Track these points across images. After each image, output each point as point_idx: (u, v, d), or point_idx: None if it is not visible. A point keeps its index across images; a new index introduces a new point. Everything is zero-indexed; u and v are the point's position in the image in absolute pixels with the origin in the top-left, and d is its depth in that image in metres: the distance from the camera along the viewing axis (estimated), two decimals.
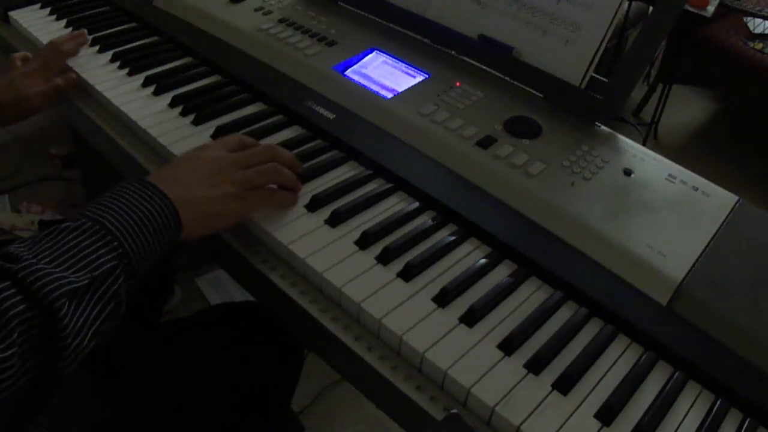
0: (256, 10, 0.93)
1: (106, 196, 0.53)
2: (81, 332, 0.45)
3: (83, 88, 0.84)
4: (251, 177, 0.62)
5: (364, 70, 0.83)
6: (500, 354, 0.53)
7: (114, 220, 0.50)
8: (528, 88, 0.80)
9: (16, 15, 0.97)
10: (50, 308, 0.43)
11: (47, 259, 0.46)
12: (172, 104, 0.79)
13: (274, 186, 0.64)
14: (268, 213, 0.64)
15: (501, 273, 0.61)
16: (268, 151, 0.65)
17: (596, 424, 0.49)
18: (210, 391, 0.72)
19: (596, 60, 0.74)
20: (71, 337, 0.44)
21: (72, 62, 0.86)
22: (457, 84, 0.79)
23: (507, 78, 0.81)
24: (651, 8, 0.72)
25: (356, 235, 0.62)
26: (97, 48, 0.89)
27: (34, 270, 0.44)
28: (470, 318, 0.55)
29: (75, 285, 0.45)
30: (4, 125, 0.84)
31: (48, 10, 0.99)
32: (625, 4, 1.79)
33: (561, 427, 0.49)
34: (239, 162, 0.62)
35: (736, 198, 0.67)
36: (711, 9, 1.84)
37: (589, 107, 0.75)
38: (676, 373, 0.54)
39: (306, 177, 0.68)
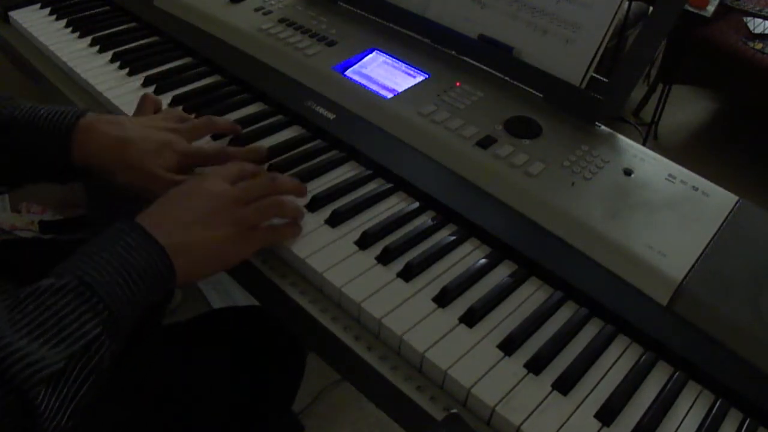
0: (256, 10, 0.93)
1: (94, 243, 0.49)
2: (58, 414, 0.42)
3: (83, 88, 0.84)
4: (252, 215, 0.58)
5: (364, 70, 0.83)
6: (500, 354, 0.53)
7: (100, 276, 0.46)
8: (528, 88, 0.80)
9: (16, 15, 0.97)
10: (25, 398, 0.40)
11: (25, 330, 0.42)
12: (172, 104, 0.79)
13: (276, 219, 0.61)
14: None
15: (501, 273, 0.61)
16: (269, 184, 0.61)
17: (596, 424, 0.49)
18: (211, 393, 0.72)
19: (596, 60, 0.74)
20: (47, 422, 0.41)
21: (72, 62, 0.86)
22: (457, 84, 0.79)
23: (507, 78, 0.81)
24: (651, 8, 0.72)
25: (356, 235, 0.62)
26: (97, 48, 0.89)
27: (9, 353, 0.40)
28: (470, 318, 0.55)
29: (52, 368, 0.41)
30: (118, 185, 0.64)
31: (48, 10, 0.99)
32: (625, 4, 1.79)
33: (561, 427, 0.49)
34: (239, 199, 0.58)
35: (736, 198, 0.67)
36: (711, 9, 1.85)
37: (589, 107, 0.75)
38: (676, 374, 0.54)
39: (306, 178, 0.69)
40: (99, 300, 0.45)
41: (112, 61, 0.87)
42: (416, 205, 0.66)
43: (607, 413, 0.50)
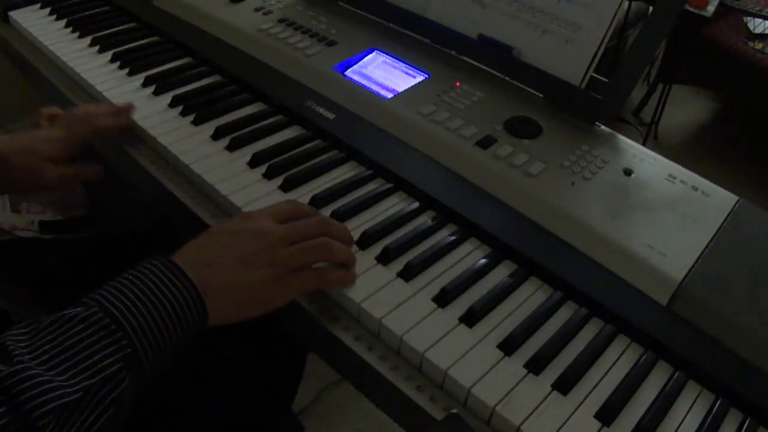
0: (256, 10, 0.93)
1: (125, 276, 0.47)
2: None
3: (83, 88, 0.84)
4: (296, 256, 0.53)
5: (364, 70, 0.83)
6: (500, 354, 0.53)
7: (127, 310, 0.44)
8: (528, 88, 0.80)
9: (16, 15, 0.97)
10: (33, 426, 0.39)
11: (44, 357, 0.41)
12: (172, 104, 0.79)
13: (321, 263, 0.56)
14: None
15: (501, 273, 0.61)
16: (319, 225, 0.56)
17: (596, 424, 0.49)
18: (211, 392, 0.72)
19: (596, 60, 0.74)
20: None
21: (72, 62, 0.86)
22: (457, 84, 0.79)
23: (507, 78, 0.81)
24: (651, 8, 0.72)
25: (356, 235, 0.62)
26: (97, 48, 0.89)
27: (22, 379, 0.39)
28: (470, 318, 0.55)
29: (66, 399, 0.40)
30: (10, 191, 0.72)
31: (48, 10, 0.99)
32: (625, 4, 1.79)
33: (561, 427, 0.49)
34: (285, 238, 0.54)
35: (736, 198, 0.67)
36: (711, 9, 1.84)
37: (589, 107, 0.75)
38: (676, 373, 0.54)
39: (306, 178, 0.69)
40: (123, 335, 0.44)
41: (112, 61, 0.87)
42: (416, 205, 0.66)
43: (607, 413, 0.50)
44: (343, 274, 0.56)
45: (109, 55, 0.88)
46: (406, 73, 0.82)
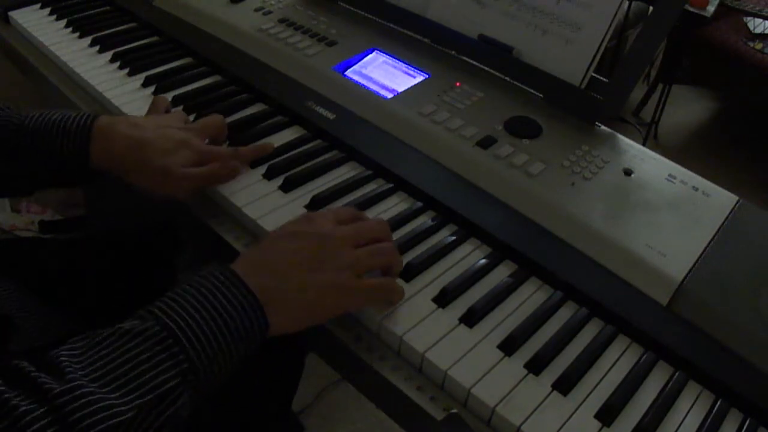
0: (256, 10, 0.93)
1: (183, 287, 0.46)
2: None
3: (83, 88, 0.84)
4: (363, 259, 0.51)
5: (364, 70, 0.83)
6: (500, 354, 0.53)
7: (184, 323, 0.43)
8: (528, 88, 0.80)
9: (16, 15, 0.97)
10: None
11: (97, 374, 0.40)
12: (173, 104, 0.79)
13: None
14: (267, 215, 0.64)
15: (501, 273, 0.61)
16: (383, 227, 0.55)
17: (596, 424, 0.49)
18: (211, 392, 0.72)
19: (596, 60, 0.74)
20: None
21: (72, 62, 0.86)
22: (457, 84, 0.79)
23: (507, 78, 0.81)
24: (651, 8, 0.72)
25: None
26: (97, 48, 0.89)
27: (75, 397, 0.38)
28: (470, 318, 0.55)
29: (119, 419, 0.38)
30: (143, 188, 0.64)
31: (48, 10, 0.98)
32: (625, 4, 1.79)
33: (561, 427, 0.49)
34: (350, 239, 0.52)
35: (736, 198, 0.67)
36: (711, 9, 1.84)
37: (589, 107, 0.75)
38: (677, 374, 0.54)
39: (306, 179, 0.69)
40: (180, 349, 0.42)
41: (112, 61, 0.87)
42: (416, 205, 0.66)
43: (607, 413, 0.50)
44: (401, 289, 0.54)
45: (109, 55, 0.88)
46: (406, 73, 0.82)
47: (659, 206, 0.65)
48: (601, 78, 0.75)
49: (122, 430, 0.39)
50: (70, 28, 0.94)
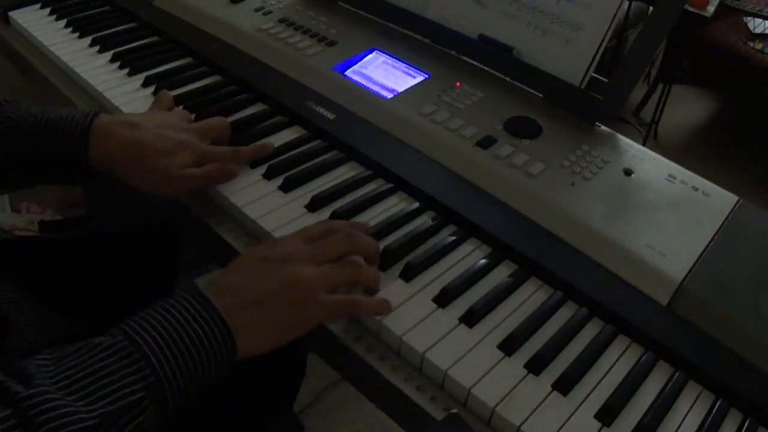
0: (256, 10, 0.93)
1: (153, 307, 0.47)
2: None
3: (83, 87, 0.84)
4: (327, 276, 0.53)
5: (364, 70, 0.83)
6: (500, 354, 0.53)
7: (152, 339, 0.44)
8: (528, 88, 0.80)
9: (16, 15, 0.97)
10: None
11: (65, 383, 0.41)
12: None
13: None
14: (267, 215, 0.64)
15: (501, 273, 0.61)
16: (347, 239, 0.55)
17: (596, 424, 0.49)
18: (211, 392, 0.72)
19: (596, 60, 0.74)
20: None
21: (72, 62, 0.86)
22: (457, 84, 0.79)
23: (507, 78, 0.81)
24: (651, 8, 0.72)
25: None
26: (97, 48, 0.89)
27: (40, 402, 0.39)
28: (470, 318, 0.55)
29: (82, 425, 0.39)
30: (144, 190, 0.64)
31: (48, 10, 0.98)
32: (625, 4, 1.79)
33: (561, 427, 0.49)
34: (313, 258, 0.53)
35: (736, 198, 0.67)
36: (711, 9, 1.85)
37: (589, 107, 0.75)
38: (677, 374, 0.54)
39: (306, 179, 0.69)
40: (147, 364, 0.43)
41: (112, 61, 0.87)
42: (416, 205, 0.66)
43: (607, 413, 0.50)
44: (378, 303, 0.55)
45: (109, 55, 0.88)
46: (406, 73, 0.82)
47: (659, 206, 0.65)
48: (601, 78, 0.75)
49: None
50: (70, 28, 0.94)
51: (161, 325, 0.45)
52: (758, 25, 2.13)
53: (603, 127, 0.75)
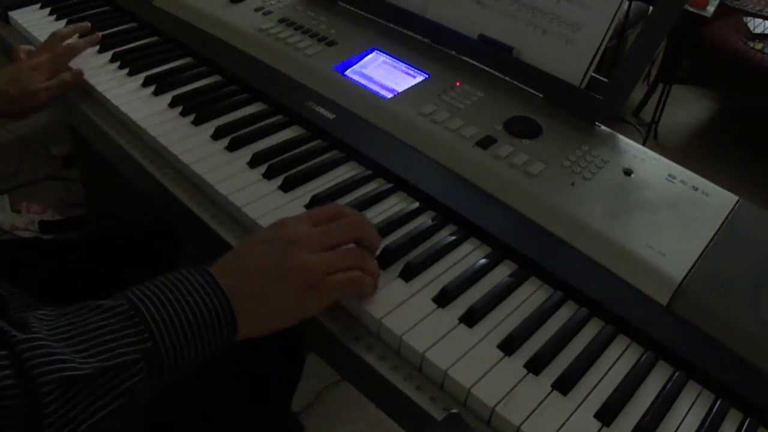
0: (256, 10, 0.93)
1: (158, 278, 0.48)
2: (69, 424, 0.40)
3: (83, 87, 0.84)
4: (330, 262, 0.53)
5: (364, 70, 0.83)
6: (500, 354, 0.53)
7: (153, 306, 0.45)
8: (528, 88, 0.80)
9: (16, 15, 0.97)
10: (35, 392, 0.38)
11: (63, 335, 0.42)
12: (172, 104, 0.79)
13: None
14: (267, 215, 0.64)
15: (501, 273, 0.61)
16: (354, 227, 0.56)
17: (596, 424, 0.49)
18: (210, 391, 0.72)
19: (596, 60, 0.74)
20: (52, 428, 0.39)
21: (72, 62, 0.86)
22: (457, 84, 0.79)
23: (507, 78, 0.81)
24: (651, 8, 0.72)
25: None
26: (97, 48, 0.89)
27: (34, 346, 0.40)
28: (470, 318, 0.55)
29: (75, 372, 0.40)
30: (9, 117, 0.83)
31: (48, 10, 0.99)
32: (625, 4, 1.79)
33: (561, 427, 0.49)
34: (318, 242, 0.53)
35: (736, 198, 0.67)
36: (711, 9, 1.85)
37: (589, 107, 0.75)
38: (676, 374, 0.54)
39: (306, 178, 0.69)
40: (146, 328, 0.44)
41: (112, 61, 0.87)
42: (416, 205, 0.66)
43: (607, 413, 0.50)
44: (372, 284, 0.55)
45: (109, 55, 0.88)
46: (406, 73, 0.82)
47: (659, 206, 0.65)
48: (601, 78, 0.75)
49: (78, 387, 0.40)
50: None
51: (164, 295, 0.45)
52: (758, 25, 2.13)
53: (603, 127, 0.75)
